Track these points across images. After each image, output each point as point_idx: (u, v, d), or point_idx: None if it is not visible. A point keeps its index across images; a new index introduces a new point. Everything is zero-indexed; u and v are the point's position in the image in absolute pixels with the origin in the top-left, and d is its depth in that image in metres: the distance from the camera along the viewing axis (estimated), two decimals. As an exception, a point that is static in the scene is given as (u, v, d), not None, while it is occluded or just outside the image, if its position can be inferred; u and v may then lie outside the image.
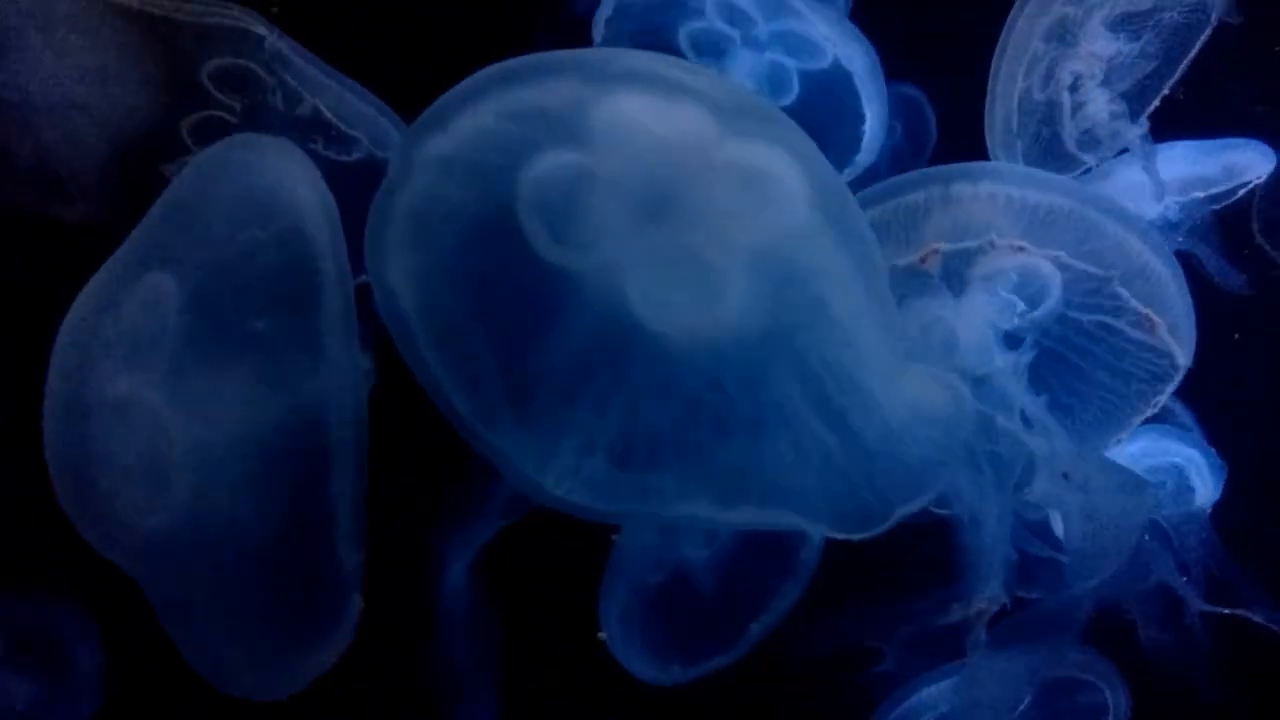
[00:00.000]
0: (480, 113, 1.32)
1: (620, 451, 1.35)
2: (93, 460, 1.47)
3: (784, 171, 1.32)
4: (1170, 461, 1.91)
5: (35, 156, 1.69)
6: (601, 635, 1.76)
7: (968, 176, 1.60)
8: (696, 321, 1.33)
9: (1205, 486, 1.91)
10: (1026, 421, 1.58)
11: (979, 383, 1.58)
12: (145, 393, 1.43)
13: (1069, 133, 1.77)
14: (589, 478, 1.36)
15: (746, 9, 1.80)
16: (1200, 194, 1.87)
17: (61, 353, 1.49)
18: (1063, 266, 1.61)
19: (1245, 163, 1.81)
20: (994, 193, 1.58)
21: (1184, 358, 1.64)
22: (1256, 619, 1.92)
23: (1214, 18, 1.72)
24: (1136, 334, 1.64)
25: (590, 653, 1.79)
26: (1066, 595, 1.82)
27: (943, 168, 1.65)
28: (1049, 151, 1.79)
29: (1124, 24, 1.73)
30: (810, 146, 1.36)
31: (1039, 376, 1.65)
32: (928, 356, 1.57)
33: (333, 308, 1.41)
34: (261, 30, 1.65)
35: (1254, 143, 1.85)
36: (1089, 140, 1.77)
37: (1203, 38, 1.75)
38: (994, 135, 1.77)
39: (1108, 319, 1.64)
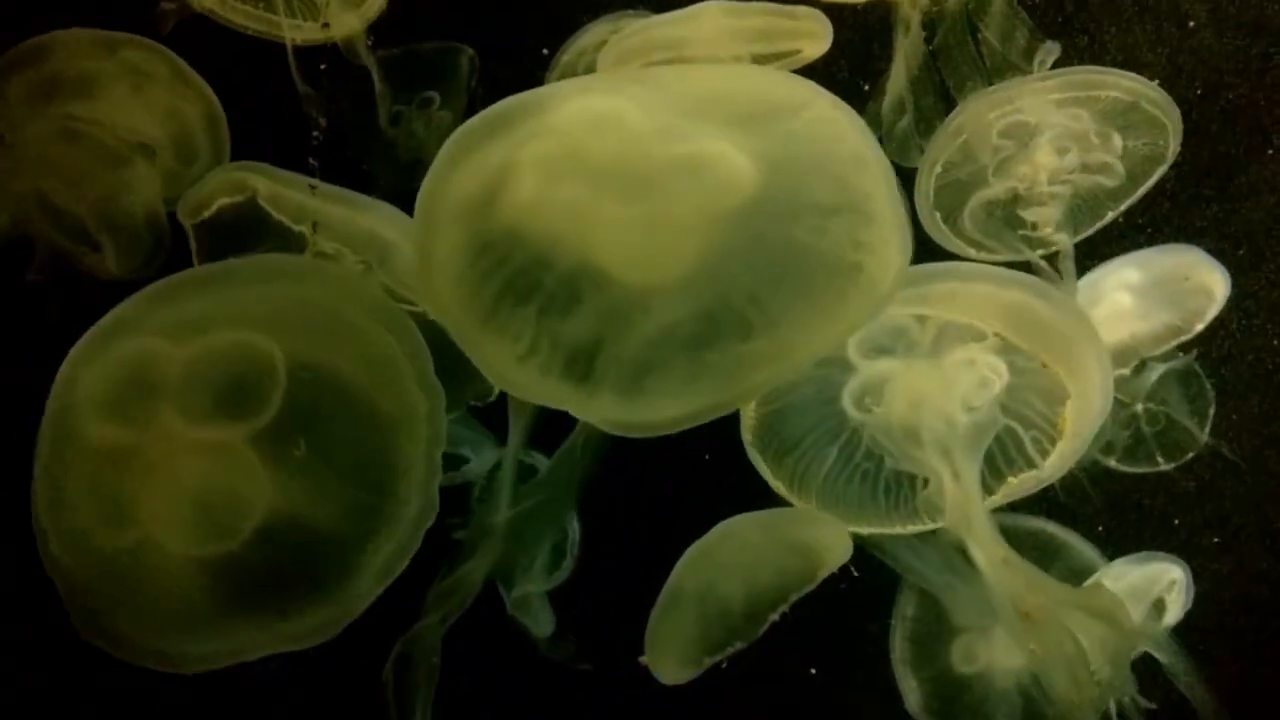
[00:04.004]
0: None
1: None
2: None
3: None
4: (1169, 579, 1.90)
5: (95, 199, 1.84)
6: (642, 660, 1.74)
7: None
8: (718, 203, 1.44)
9: (1189, 596, 1.89)
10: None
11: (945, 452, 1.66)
12: (235, 441, 1.48)
13: (1006, 225, 1.89)
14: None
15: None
16: (1200, 325, 1.97)
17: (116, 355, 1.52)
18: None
19: (1210, 282, 1.92)
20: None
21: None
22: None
23: (1172, 154, 1.85)
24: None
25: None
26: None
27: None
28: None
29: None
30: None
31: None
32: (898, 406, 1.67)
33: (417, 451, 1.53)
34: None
35: (1190, 250, 1.97)
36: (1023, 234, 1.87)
37: (1161, 170, 1.87)
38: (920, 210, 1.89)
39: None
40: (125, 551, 1.49)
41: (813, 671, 2.20)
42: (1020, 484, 1.75)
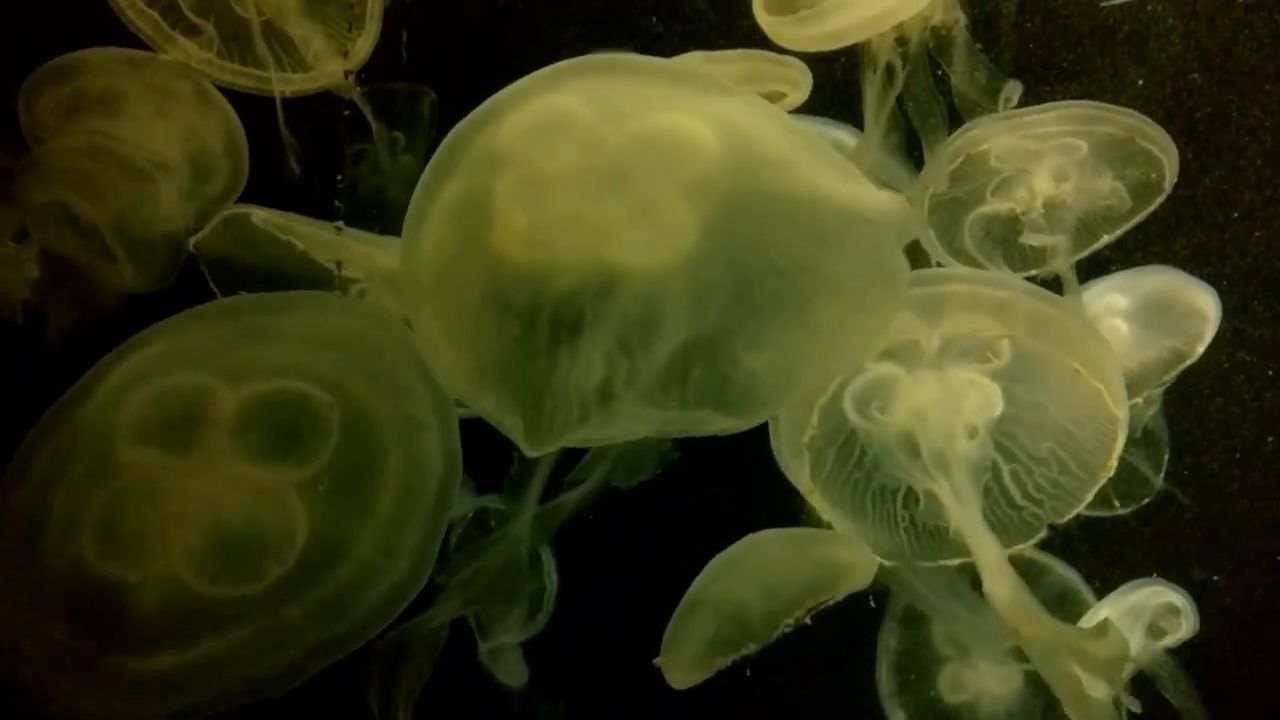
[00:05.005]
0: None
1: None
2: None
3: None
4: (1163, 602, 1.89)
5: (116, 212, 1.87)
6: (656, 662, 1.74)
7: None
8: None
9: (1190, 621, 1.88)
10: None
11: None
12: (280, 485, 1.50)
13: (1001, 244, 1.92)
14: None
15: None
16: (1201, 348, 1.98)
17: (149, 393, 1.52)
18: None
19: (1200, 303, 1.93)
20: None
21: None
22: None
23: (1169, 185, 1.88)
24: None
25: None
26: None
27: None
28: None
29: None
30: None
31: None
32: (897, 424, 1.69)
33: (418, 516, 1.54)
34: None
35: (1170, 271, 1.98)
36: (1019, 254, 1.91)
37: (1158, 200, 1.90)
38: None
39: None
40: (132, 584, 1.47)
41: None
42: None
